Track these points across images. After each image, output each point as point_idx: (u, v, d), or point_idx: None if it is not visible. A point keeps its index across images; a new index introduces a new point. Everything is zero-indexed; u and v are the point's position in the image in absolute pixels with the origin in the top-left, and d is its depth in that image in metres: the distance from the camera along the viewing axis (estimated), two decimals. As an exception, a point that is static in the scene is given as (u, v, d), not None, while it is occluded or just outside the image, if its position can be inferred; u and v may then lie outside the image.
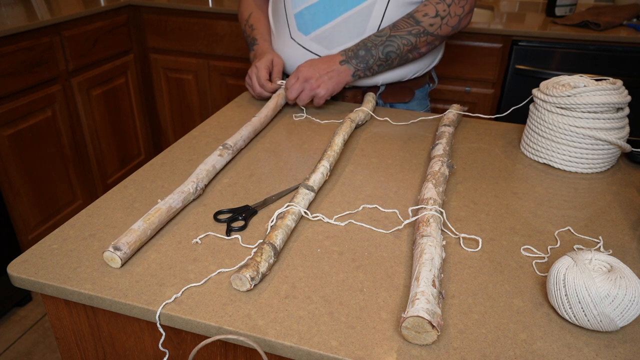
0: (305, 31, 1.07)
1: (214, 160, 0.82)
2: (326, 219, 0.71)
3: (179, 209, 0.71)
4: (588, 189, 0.81)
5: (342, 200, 0.76)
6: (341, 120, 1.04)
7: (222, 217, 0.71)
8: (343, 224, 0.70)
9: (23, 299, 1.86)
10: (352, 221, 0.71)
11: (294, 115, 1.07)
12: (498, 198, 0.78)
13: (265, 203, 0.75)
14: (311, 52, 1.09)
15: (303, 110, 1.09)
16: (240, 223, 0.70)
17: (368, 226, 0.70)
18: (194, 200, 0.76)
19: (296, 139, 0.96)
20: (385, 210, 0.74)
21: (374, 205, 0.75)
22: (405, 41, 1.02)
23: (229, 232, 0.68)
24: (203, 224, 0.70)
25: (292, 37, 1.09)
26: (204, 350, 0.60)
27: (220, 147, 0.85)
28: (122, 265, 0.62)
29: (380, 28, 1.05)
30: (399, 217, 0.72)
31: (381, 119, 1.05)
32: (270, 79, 1.10)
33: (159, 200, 0.71)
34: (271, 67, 1.09)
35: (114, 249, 0.60)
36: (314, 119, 1.05)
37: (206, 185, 0.79)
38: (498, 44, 1.77)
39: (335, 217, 0.72)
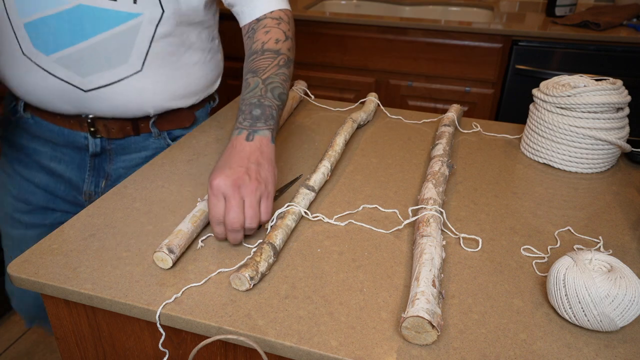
0: (44, 50, 0.82)
1: None
2: (326, 219, 0.71)
3: None
4: (588, 189, 0.81)
5: (342, 200, 0.76)
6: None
7: None
8: (343, 224, 0.70)
9: (23, 299, 1.86)
10: (352, 221, 0.71)
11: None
12: (498, 198, 0.78)
13: None
14: (57, 77, 0.84)
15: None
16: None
17: (368, 226, 0.70)
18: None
19: (297, 139, 0.96)
20: (385, 210, 0.74)
21: (374, 205, 0.75)
22: (282, 77, 0.80)
23: None
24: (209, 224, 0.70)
25: (25, 54, 0.83)
26: (204, 350, 0.60)
27: None
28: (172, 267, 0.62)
29: (148, 54, 0.86)
30: (399, 217, 0.72)
31: (395, 117, 1.05)
32: None
33: (199, 199, 0.71)
34: None
35: (169, 251, 0.61)
36: (314, 119, 1.05)
37: None
38: (498, 44, 1.77)
39: (336, 217, 0.72)
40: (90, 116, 0.91)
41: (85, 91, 0.86)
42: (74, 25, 0.80)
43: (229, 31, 2.11)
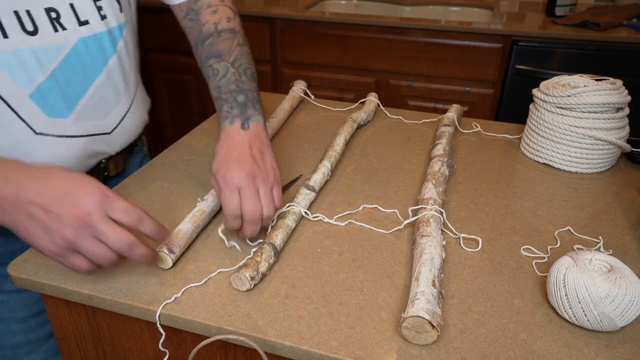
0: (62, 113, 0.68)
1: None
2: (326, 219, 0.71)
3: (216, 211, 0.72)
4: (588, 189, 0.81)
5: (342, 200, 0.76)
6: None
7: None
8: (343, 224, 0.70)
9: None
10: (352, 221, 0.71)
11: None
12: (498, 198, 0.78)
13: None
14: (82, 136, 0.72)
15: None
16: None
17: (368, 226, 0.70)
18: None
19: (297, 138, 0.96)
20: (385, 210, 0.74)
21: (374, 205, 0.75)
22: (247, 56, 0.76)
23: None
24: (210, 225, 0.70)
25: (38, 133, 0.67)
26: (204, 350, 0.60)
27: None
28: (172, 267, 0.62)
29: (137, 60, 0.82)
30: (399, 217, 0.72)
31: (395, 117, 1.05)
32: None
33: (199, 200, 0.71)
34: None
35: (169, 251, 0.61)
36: (314, 119, 1.05)
37: None
38: (498, 44, 1.77)
39: (336, 217, 0.72)
40: (104, 160, 0.80)
41: (109, 133, 0.77)
42: (82, 65, 0.70)
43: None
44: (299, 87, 1.12)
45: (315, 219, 0.71)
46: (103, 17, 0.71)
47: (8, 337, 0.78)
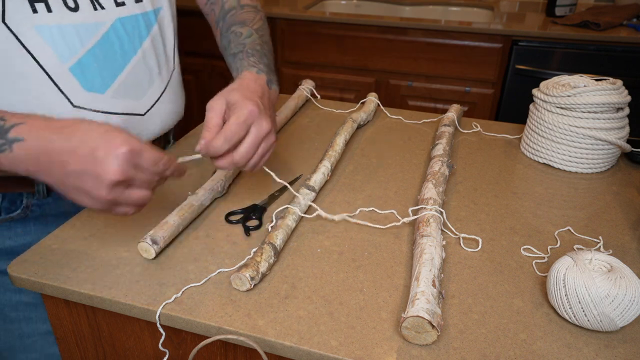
0: (99, 88, 0.69)
1: None
2: (324, 213, 0.71)
3: (207, 206, 0.72)
4: (588, 189, 0.81)
5: (342, 201, 0.76)
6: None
7: (233, 218, 0.71)
8: (336, 218, 0.70)
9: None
10: (348, 217, 0.71)
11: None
12: (498, 198, 0.78)
13: (270, 199, 0.75)
14: (117, 113, 0.72)
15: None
16: (255, 222, 0.70)
17: (369, 223, 0.70)
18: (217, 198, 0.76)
19: (297, 138, 0.96)
20: (384, 212, 0.74)
21: (371, 208, 0.75)
22: (268, 32, 0.80)
23: (247, 232, 0.68)
24: (209, 224, 0.70)
25: (76, 106, 0.68)
26: (204, 350, 0.60)
27: None
28: (155, 257, 0.62)
29: (175, 49, 0.82)
30: (397, 216, 0.72)
31: (395, 117, 1.05)
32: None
33: (189, 193, 0.71)
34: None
35: (152, 242, 0.61)
36: (314, 119, 1.05)
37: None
38: (498, 44, 1.77)
39: (334, 216, 0.72)
40: None
41: (143, 115, 0.76)
42: (120, 44, 0.71)
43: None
44: (306, 87, 1.12)
45: (315, 214, 0.71)
46: (138, 0, 0.73)
47: (39, 324, 0.80)
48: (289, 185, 0.72)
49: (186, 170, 0.60)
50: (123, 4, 0.71)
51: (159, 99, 0.79)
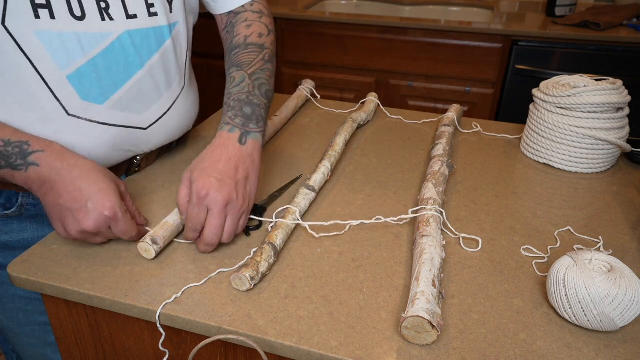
0: (97, 98, 0.68)
1: None
2: (315, 234, 0.71)
3: None
4: (588, 189, 0.81)
5: (342, 201, 0.76)
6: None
7: None
8: (325, 224, 0.70)
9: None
10: (338, 221, 0.71)
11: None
12: (498, 198, 0.78)
13: (270, 200, 0.75)
14: (115, 125, 0.71)
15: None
16: (255, 222, 0.70)
17: (368, 222, 0.70)
18: None
19: (296, 138, 0.96)
20: (384, 218, 0.74)
21: (360, 221, 0.75)
22: (268, 72, 0.77)
23: (247, 232, 0.68)
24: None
25: (71, 114, 0.67)
26: (204, 350, 0.60)
27: None
28: (155, 257, 0.63)
29: (187, 65, 0.82)
30: (396, 218, 0.72)
31: (395, 117, 1.05)
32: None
33: None
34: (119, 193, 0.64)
35: (152, 242, 0.62)
36: (315, 119, 1.05)
37: None
38: (498, 44, 1.77)
39: (328, 233, 0.72)
40: (139, 157, 0.81)
41: (145, 129, 0.75)
42: (125, 57, 0.69)
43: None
44: (306, 87, 1.12)
45: (309, 223, 0.71)
46: (152, 14, 0.72)
47: (36, 316, 0.81)
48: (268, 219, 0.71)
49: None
50: (135, 16, 0.69)
51: (165, 114, 0.78)
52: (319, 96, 1.13)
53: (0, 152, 0.61)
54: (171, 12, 0.74)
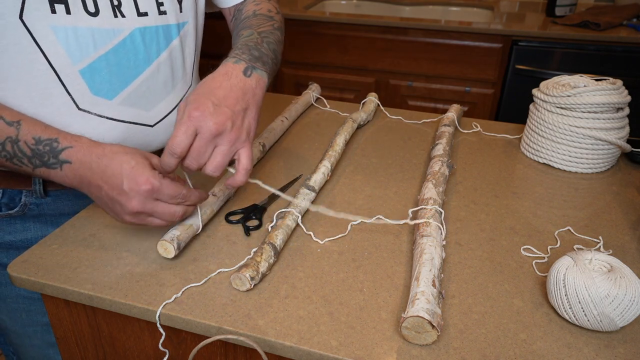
0: (107, 94, 0.69)
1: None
2: (316, 239, 0.71)
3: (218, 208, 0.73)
4: (588, 189, 0.81)
5: (343, 201, 0.76)
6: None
7: (233, 218, 0.71)
8: (321, 243, 0.70)
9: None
10: (351, 221, 0.71)
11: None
12: (498, 198, 0.78)
13: (270, 200, 0.75)
14: (123, 121, 0.72)
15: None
16: (255, 222, 0.70)
17: (368, 221, 0.70)
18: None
19: (296, 138, 0.96)
20: (385, 218, 0.74)
21: (359, 221, 0.75)
22: (276, 37, 0.76)
23: (247, 232, 0.68)
24: (209, 224, 0.70)
25: (81, 109, 0.68)
26: (204, 350, 0.60)
27: (261, 149, 0.86)
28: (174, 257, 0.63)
29: (194, 65, 0.82)
30: (398, 219, 0.72)
31: (395, 117, 1.05)
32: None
33: (210, 194, 0.71)
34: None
35: (176, 246, 0.62)
36: (315, 119, 1.05)
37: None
38: (498, 44, 1.77)
39: (328, 239, 0.72)
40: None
41: (152, 126, 0.75)
42: (135, 53, 0.70)
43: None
44: (313, 94, 1.11)
45: (310, 229, 0.71)
46: (162, 13, 0.72)
47: (39, 316, 0.81)
48: (278, 192, 0.70)
49: (207, 197, 0.65)
50: (145, 14, 0.70)
51: (171, 112, 0.78)
52: (327, 106, 1.11)
53: (33, 151, 0.61)
54: (181, 11, 0.75)
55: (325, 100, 1.12)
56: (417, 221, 0.67)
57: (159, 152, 0.84)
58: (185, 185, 0.62)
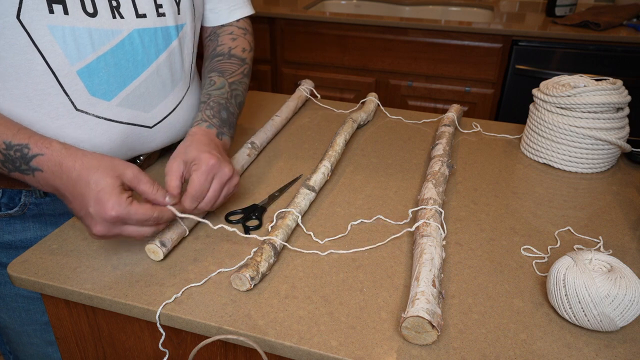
0: (105, 95, 0.69)
1: (243, 160, 0.83)
2: (314, 241, 0.71)
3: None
4: (588, 189, 0.81)
5: (342, 201, 0.76)
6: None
7: (233, 218, 0.71)
8: (322, 252, 0.70)
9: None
10: (352, 223, 0.71)
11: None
12: (498, 198, 0.78)
13: (270, 200, 0.75)
14: (121, 122, 0.72)
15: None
16: (255, 222, 0.70)
17: (368, 221, 0.70)
18: None
19: (296, 138, 0.96)
20: (385, 217, 0.74)
21: (360, 220, 0.75)
22: (244, 86, 0.83)
23: (247, 232, 0.68)
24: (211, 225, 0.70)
25: (79, 109, 0.68)
26: (204, 350, 0.60)
27: (249, 147, 0.86)
28: (163, 259, 0.63)
29: (192, 67, 0.83)
30: (398, 219, 0.72)
31: (395, 117, 1.05)
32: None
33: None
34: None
35: (161, 245, 0.62)
36: (315, 119, 1.05)
37: None
38: (498, 44, 1.77)
39: (327, 239, 0.72)
40: (142, 157, 0.82)
41: (151, 127, 0.76)
42: (133, 54, 0.70)
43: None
44: (305, 87, 1.12)
45: (309, 232, 0.71)
46: (160, 15, 0.73)
47: (38, 315, 0.81)
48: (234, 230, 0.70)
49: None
50: (144, 16, 0.70)
51: (170, 113, 0.78)
52: (319, 96, 1.13)
53: (5, 155, 0.60)
54: (179, 13, 0.75)
55: (316, 92, 1.12)
56: (417, 224, 0.67)
57: (158, 153, 0.85)
58: (159, 209, 0.61)
